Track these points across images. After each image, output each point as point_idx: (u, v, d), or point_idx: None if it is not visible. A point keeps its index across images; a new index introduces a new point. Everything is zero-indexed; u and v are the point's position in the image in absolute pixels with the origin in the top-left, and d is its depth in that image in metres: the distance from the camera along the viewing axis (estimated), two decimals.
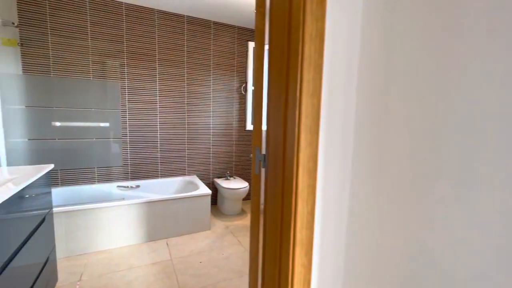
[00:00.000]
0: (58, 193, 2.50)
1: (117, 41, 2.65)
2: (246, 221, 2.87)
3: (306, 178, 0.68)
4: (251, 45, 2.58)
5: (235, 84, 3.30)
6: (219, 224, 2.77)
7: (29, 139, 2.30)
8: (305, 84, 0.65)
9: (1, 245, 1.02)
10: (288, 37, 0.68)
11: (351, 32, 0.70)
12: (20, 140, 2.25)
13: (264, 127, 0.89)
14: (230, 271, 1.94)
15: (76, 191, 2.60)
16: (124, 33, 2.68)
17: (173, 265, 2.00)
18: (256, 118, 0.90)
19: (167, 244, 2.32)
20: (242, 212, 3.11)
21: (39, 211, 1.43)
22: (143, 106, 2.84)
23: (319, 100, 0.67)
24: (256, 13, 0.88)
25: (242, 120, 3.39)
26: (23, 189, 1.21)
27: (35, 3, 2.33)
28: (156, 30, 2.81)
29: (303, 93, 0.65)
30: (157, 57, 2.85)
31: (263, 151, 0.87)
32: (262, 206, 0.87)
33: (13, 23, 2.00)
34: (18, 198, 1.17)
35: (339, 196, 0.75)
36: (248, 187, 2.96)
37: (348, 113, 0.73)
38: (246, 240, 2.42)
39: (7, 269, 1.06)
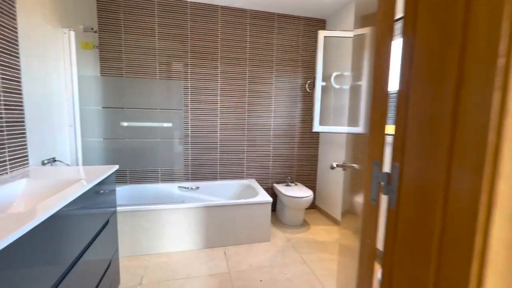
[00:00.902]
0: (125, 190, 2.60)
1: (182, 40, 2.63)
2: (310, 234, 2.54)
3: (506, 232, 0.35)
4: (322, 34, 2.25)
5: (299, 81, 3.00)
6: (280, 236, 2.50)
7: (104, 139, 2.43)
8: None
9: (72, 240, 1.02)
10: (465, 13, 0.36)
11: None
12: (96, 139, 2.38)
13: (388, 131, 0.58)
14: None
15: (142, 190, 2.67)
16: (189, 32, 2.64)
17: (231, 280, 1.81)
18: (377, 120, 0.59)
19: (225, 253, 2.16)
20: (305, 224, 2.78)
21: (104, 210, 1.40)
22: (204, 106, 2.78)
23: None
24: None
25: (305, 120, 3.07)
26: (90, 189, 1.15)
27: (112, 9, 2.45)
28: (219, 28, 2.71)
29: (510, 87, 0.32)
30: (219, 55, 2.75)
31: (385, 168, 0.57)
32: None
33: (92, 29, 2.11)
34: (87, 196, 1.12)
35: None
36: (312, 196, 2.62)
37: None
38: (311, 258, 2.10)
39: (78, 263, 1.05)
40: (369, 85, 0.91)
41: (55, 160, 1.65)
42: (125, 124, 2.38)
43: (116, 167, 1.52)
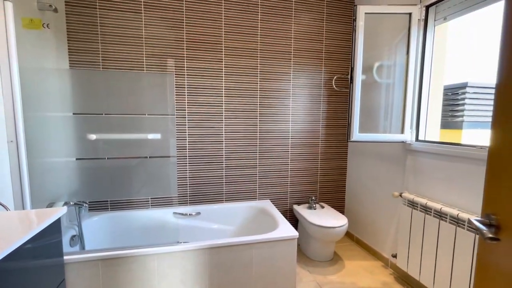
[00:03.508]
0: (105, 220, 2.00)
1: (175, 26, 2.06)
2: (345, 275, 1.93)
3: None
4: (362, 10, 1.66)
5: (323, 77, 2.41)
6: (307, 279, 1.89)
7: (77, 159, 1.84)
8: None
9: None
10: None
11: None
12: (68, 159, 1.79)
13: None
14: None
15: (127, 219, 2.07)
16: (184, 16, 2.07)
17: None
18: None
19: None
20: (336, 259, 2.17)
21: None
22: (205, 110, 2.19)
23: None
24: None
25: (331, 125, 2.47)
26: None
27: None
28: (223, 11, 2.13)
29: None
30: (223, 46, 2.16)
31: None
32: None
33: (50, 6, 1.53)
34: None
35: None
36: (347, 224, 2.01)
37: None
38: None
39: None
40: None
41: None
42: (94, 137, 1.79)
43: (62, 210, 0.92)
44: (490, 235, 0.64)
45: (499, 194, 0.66)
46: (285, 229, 1.79)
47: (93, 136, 1.75)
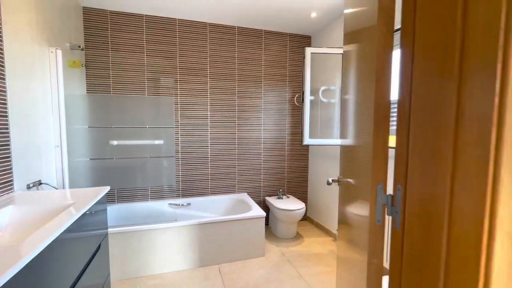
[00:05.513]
0: (114, 210, 2.51)
1: (170, 57, 2.65)
2: (303, 247, 2.54)
3: (508, 252, 0.38)
4: (309, 51, 2.33)
5: (288, 95, 3.07)
6: (274, 250, 2.49)
7: (90, 159, 2.35)
8: (510, 89, 0.36)
9: (65, 269, 0.97)
10: (462, 24, 0.40)
11: None
12: (82, 159, 2.30)
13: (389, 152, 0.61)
14: None
15: (131, 209, 2.59)
16: (177, 48, 2.66)
17: None
18: (378, 140, 0.62)
19: (220, 271, 2.12)
20: (298, 236, 2.78)
21: (97, 234, 1.35)
22: (194, 122, 2.77)
23: None
24: (379, 10, 0.61)
25: (295, 133, 3.13)
26: (83, 215, 1.11)
27: (99, 26, 2.43)
28: (208, 44, 2.75)
29: (507, 102, 0.36)
30: (208, 71, 2.77)
31: (388, 190, 0.59)
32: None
33: (79, 47, 2.08)
34: (78, 223, 1.08)
35: None
36: (304, 208, 2.64)
37: None
38: (307, 272, 2.09)
39: None
40: (358, 99, 0.95)
41: (41, 183, 1.58)
42: (114, 142, 2.33)
43: (107, 188, 1.47)
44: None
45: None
46: (256, 211, 2.39)
47: (114, 142, 2.28)
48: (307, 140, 2.42)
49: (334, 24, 2.70)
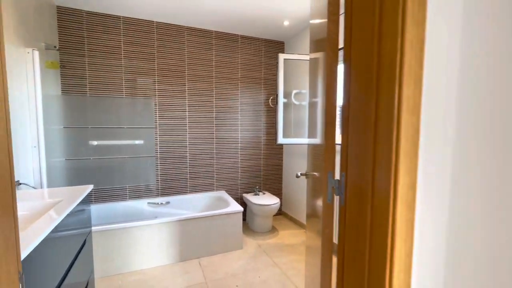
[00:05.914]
0: (92, 210, 2.51)
1: (148, 58, 2.70)
2: (278, 239, 2.73)
3: (405, 212, 0.57)
4: (282, 57, 2.52)
5: (263, 97, 3.24)
6: (251, 243, 2.64)
7: (66, 159, 2.34)
8: (404, 101, 0.54)
9: (53, 266, 1.01)
10: (378, 46, 0.58)
11: (451, 38, 0.59)
12: (58, 159, 2.29)
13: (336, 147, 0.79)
14: None
15: (110, 209, 2.60)
16: (155, 51, 2.72)
17: None
18: (329, 138, 0.80)
19: (200, 264, 2.23)
20: (273, 230, 2.97)
21: (82, 231, 1.40)
22: (172, 122, 2.84)
23: (418, 119, 0.56)
24: (329, 22, 0.80)
25: (270, 133, 3.31)
26: (70, 212, 1.18)
27: (74, 26, 2.42)
28: (186, 47, 2.84)
29: (402, 111, 0.54)
30: (186, 73, 2.86)
31: (336, 176, 0.77)
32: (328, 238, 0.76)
33: (54, 47, 2.08)
34: (66, 220, 1.14)
35: (437, 231, 0.62)
36: (279, 203, 2.83)
37: (447, 133, 0.61)
38: (281, 261, 2.28)
39: None
40: (322, 102, 1.14)
41: (20, 183, 1.59)
42: (94, 143, 2.34)
43: (91, 186, 1.53)
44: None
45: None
46: (234, 207, 2.53)
47: (94, 142, 2.29)
48: (280, 140, 2.61)
49: (305, 31, 2.92)
